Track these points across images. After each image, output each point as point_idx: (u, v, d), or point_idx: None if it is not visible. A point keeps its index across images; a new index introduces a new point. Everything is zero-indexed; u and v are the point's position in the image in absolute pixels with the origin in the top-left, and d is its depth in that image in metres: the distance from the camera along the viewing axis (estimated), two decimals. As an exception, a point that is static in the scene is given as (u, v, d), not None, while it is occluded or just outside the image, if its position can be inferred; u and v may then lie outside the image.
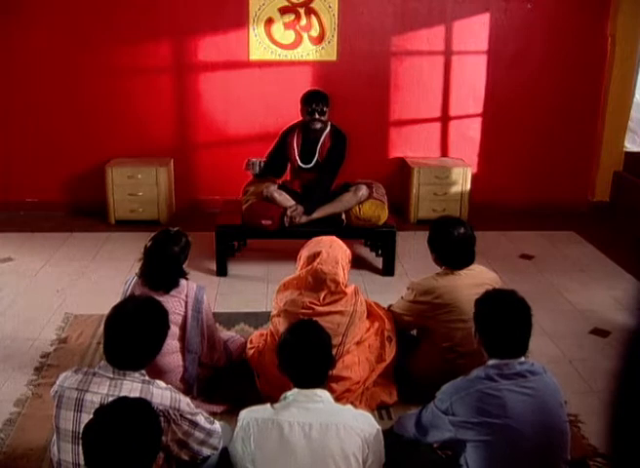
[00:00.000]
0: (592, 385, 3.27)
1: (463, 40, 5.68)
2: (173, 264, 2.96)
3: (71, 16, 5.41)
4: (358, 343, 3.05)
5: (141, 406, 1.88)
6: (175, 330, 2.92)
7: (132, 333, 2.24)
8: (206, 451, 2.34)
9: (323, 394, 2.26)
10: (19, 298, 4.16)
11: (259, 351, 3.20)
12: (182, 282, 2.99)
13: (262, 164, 4.57)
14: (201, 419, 2.30)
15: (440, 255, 3.13)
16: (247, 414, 2.26)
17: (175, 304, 2.93)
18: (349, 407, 2.34)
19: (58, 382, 2.26)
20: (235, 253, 4.70)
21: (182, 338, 2.96)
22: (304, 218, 4.39)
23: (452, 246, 3.06)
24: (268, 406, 2.26)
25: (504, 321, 2.32)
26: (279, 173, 4.66)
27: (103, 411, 1.84)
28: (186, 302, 2.96)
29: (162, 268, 2.95)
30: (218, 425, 2.41)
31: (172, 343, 2.90)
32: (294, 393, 2.25)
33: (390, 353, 3.13)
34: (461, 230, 3.06)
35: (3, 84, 5.54)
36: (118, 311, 2.31)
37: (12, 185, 5.77)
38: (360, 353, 3.05)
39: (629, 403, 1.34)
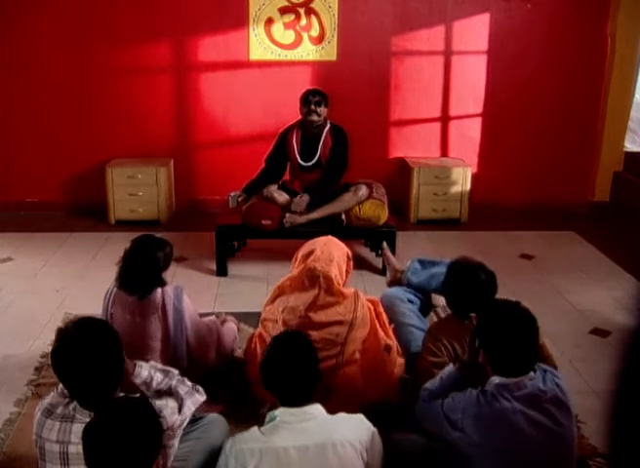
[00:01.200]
0: (592, 385, 3.27)
1: (463, 40, 5.67)
2: (154, 269, 2.87)
3: (71, 15, 5.41)
4: (359, 353, 2.94)
5: (142, 405, 1.88)
6: (156, 348, 2.85)
7: (86, 365, 1.99)
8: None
9: (314, 410, 2.15)
10: (19, 298, 4.16)
11: (253, 355, 3.14)
12: (157, 293, 2.87)
13: (239, 196, 4.53)
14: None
15: (459, 303, 2.84)
16: (237, 444, 2.11)
17: (153, 325, 2.84)
18: (342, 414, 2.22)
19: (35, 429, 2.08)
20: (235, 253, 4.70)
21: (166, 352, 2.87)
22: (304, 218, 4.39)
23: (475, 292, 2.76)
24: (256, 429, 2.13)
25: (511, 338, 2.19)
26: (279, 175, 4.65)
27: (104, 412, 1.84)
28: (165, 316, 2.86)
29: (143, 271, 2.85)
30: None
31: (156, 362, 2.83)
32: (280, 412, 2.13)
33: (391, 363, 3.05)
34: (483, 276, 2.78)
35: (3, 84, 5.54)
36: (61, 347, 2.04)
37: (12, 185, 5.77)
38: (360, 363, 2.94)
39: (629, 403, 1.34)
